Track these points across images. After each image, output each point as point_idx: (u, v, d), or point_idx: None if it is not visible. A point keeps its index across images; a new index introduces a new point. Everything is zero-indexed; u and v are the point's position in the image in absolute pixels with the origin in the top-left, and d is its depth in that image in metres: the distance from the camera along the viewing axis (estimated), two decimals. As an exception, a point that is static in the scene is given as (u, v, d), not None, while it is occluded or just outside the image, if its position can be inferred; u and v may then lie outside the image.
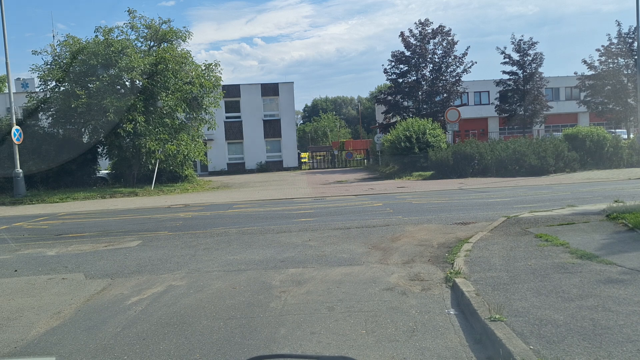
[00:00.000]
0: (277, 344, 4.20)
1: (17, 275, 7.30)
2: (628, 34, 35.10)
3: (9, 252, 9.22)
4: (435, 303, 5.07)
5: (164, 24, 25.12)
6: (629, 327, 3.85)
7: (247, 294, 5.69)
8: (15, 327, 5.01)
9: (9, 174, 21.03)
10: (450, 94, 34.75)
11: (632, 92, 33.54)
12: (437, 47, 35.52)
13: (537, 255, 6.37)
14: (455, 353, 3.86)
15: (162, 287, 6.16)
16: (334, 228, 9.96)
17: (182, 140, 24.26)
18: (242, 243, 8.89)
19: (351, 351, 3.97)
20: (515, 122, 38.85)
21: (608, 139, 23.93)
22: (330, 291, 5.61)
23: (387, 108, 36.48)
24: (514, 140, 26.17)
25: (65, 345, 4.43)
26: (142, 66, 22.05)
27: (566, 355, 3.43)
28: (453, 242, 7.88)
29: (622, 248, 6.50)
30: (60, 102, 22.82)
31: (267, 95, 40.15)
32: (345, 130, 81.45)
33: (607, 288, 4.87)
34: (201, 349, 4.15)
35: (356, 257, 7.27)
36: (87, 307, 5.54)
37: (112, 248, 9.11)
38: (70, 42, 23.46)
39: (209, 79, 25.30)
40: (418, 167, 24.73)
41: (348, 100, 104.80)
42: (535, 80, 36.61)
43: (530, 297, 4.76)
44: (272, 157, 40.15)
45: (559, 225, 8.37)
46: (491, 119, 47.17)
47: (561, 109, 46.69)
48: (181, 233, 10.45)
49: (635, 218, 7.71)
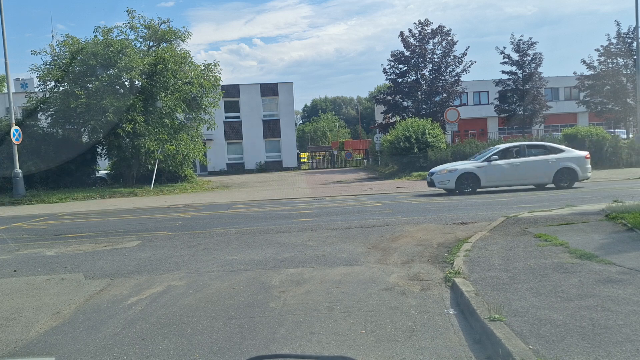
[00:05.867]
0: (276, 344, 4.20)
1: (16, 276, 7.29)
2: (627, 34, 35.11)
3: (8, 252, 9.21)
4: (435, 303, 5.07)
5: (163, 24, 25.15)
6: (628, 327, 3.85)
7: (247, 294, 5.69)
8: (14, 327, 5.01)
9: (8, 174, 21.02)
10: (449, 94, 34.75)
11: (632, 92, 33.55)
12: (436, 47, 35.53)
13: (536, 255, 6.37)
14: (454, 353, 3.86)
15: (162, 287, 6.16)
16: (333, 228, 9.96)
17: (181, 140, 24.26)
18: (242, 243, 8.88)
19: (350, 351, 3.97)
20: (515, 122, 38.86)
21: (607, 139, 23.95)
22: (330, 291, 5.61)
23: (387, 108, 36.48)
24: (514, 140, 26.16)
25: (64, 345, 4.42)
26: (142, 66, 22.04)
27: (565, 355, 3.43)
28: (452, 242, 7.88)
29: (622, 248, 6.50)
30: (60, 102, 22.82)
31: (266, 96, 40.16)
32: (345, 130, 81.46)
33: (607, 288, 4.87)
34: (200, 349, 4.15)
35: (355, 257, 7.26)
36: (87, 307, 5.54)
37: (112, 248, 9.10)
38: (69, 42, 23.45)
39: (208, 79, 25.32)
40: (417, 167, 24.73)
41: (347, 101, 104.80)
42: (535, 80, 36.62)
43: (529, 297, 4.76)
44: (271, 157, 40.14)
45: (558, 225, 8.37)
46: (490, 119, 47.19)
47: (560, 109, 46.70)
48: (180, 233, 10.45)
49: (634, 218, 7.71)
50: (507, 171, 14.92)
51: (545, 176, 15.04)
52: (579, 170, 14.91)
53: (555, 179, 14.97)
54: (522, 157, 15.10)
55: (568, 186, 14.91)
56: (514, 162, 14.98)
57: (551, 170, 14.91)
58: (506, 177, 15.03)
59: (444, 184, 15.23)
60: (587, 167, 15.22)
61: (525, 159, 15.06)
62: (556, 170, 14.88)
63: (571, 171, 14.91)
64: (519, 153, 15.28)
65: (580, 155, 15.27)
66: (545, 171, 14.96)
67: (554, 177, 14.94)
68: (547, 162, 14.98)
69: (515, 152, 15.36)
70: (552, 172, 14.88)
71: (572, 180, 14.99)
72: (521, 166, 14.92)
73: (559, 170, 14.88)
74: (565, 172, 14.93)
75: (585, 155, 15.39)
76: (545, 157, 15.14)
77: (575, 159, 15.05)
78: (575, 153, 15.42)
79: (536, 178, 15.19)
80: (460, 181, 14.98)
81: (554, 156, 15.04)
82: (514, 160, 15.03)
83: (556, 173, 14.89)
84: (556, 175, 14.91)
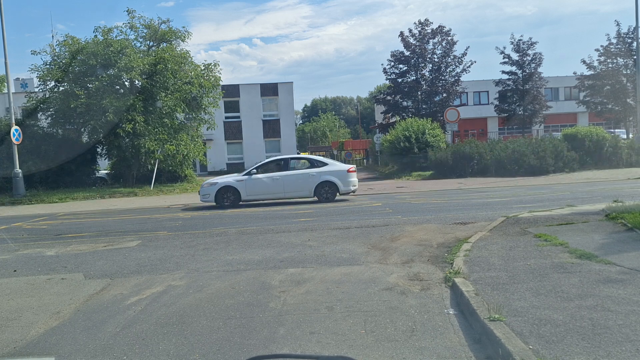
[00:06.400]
0: (276, 344, 4.20)
1: (16, 276, 7.30)
2: (627, 34, 35.14)
3: (8, 252, 9.21)
4: (435, 303, 5.07)
5: (163, 24, 25.11)
6: (628, 327, 3.85)
7: (247, 294, 5.69)
8: (14, 327, 5.01)
9: (8, 174, 21.00)
10: (449, 93, 34.76)
11: (631, 92, 33.56)
12: (436, 47, 35.54)
13: (536, 255, 6.37)
14: (454, 353, 3.86)
15: (162, 287, 6.16)
16: (333, 228, 9.96)
17: (181, 140, 24.23)
18: (242, 243, 8.89)
19: (350, 351, 3.97)
20: (515, 122, 38.87)
21: (607, 139, 23.95)
22: (330, 291, 5.61)
23: (387, 108, 36.49)
24: (513, 140, 26.18)
25: (64, 345, 4.43)
26: (142, 66, 22.02)
27: (565, 354, 3.44)
28: (452, 242, 7.89)
29: (621, 248, 6.50)
30: (60, 102, 22.79)
31: (266, 95, 40.16)
32: (345, 130, 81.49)
33: (606, 288, 4.87)
34: (200, 349, 4.15)
35: (355, 257, 7.27)
36: (87, 307, 5.54)
37: (112, 248, 9.10)
38: (69, 42, 23.42)
39: (208, 79, 25.27)
40: (417, 167, 24.74)
41: (347, 100, 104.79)
42: (535, 80, 36.63)
43: (529, 296, 4.76)
44: (271, 157, 40.11)
45: (558, 225, 8.37)
46: (490, 119, 47.20)
47: (560, 109, 46.71)
48: (180, 233, 10.45)
49: (634, 218, 7.71)
50: (267, 185, 14.90)
51: (306, 189, 14.97)
52: (340, 183, 14.87)
53: (316, 192, 14.93)
54: (285, 171, 15.13)
55: (329, 199, 14.89)
56: (274, 176, 14.98)
57: (312, 184, 14.88)
58: (267, 190, 14.97)
59: (205, 198, 15.05)
60: (350, 181, 15.10)
61: (287, 173, 15.08)
62: (317, 183, 14.87)
63: (332, 184, 14.90)
64: (280, 167, 15.35)
65: (342, 169, 15.29)
66: (306, 184, 14.92)
67: (315, 190, 14.91)
68: (308, 176, 14.99)
69: (277, 165, 15.44)
70: (313, 185, 14.87)
71: (333, 194, 14.97)
72: (282, 179, 14.91)
73: (320, 183, 14.88)
74: (327, 186, 14.92)
75: (348, 168, 15.35)
76: (306, 170, 15.24)
77: (336, 173, 15.03)
78: (337, 167, 15.47)
79: (297, 191, 15.10)
80: (220, 195, 14.81)
81: (316, 170, 15.05)
82: (275, 174, 15.03)
83: (317, 186, 14.87)
84: (317, 188, 14.89)
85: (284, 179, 14.98)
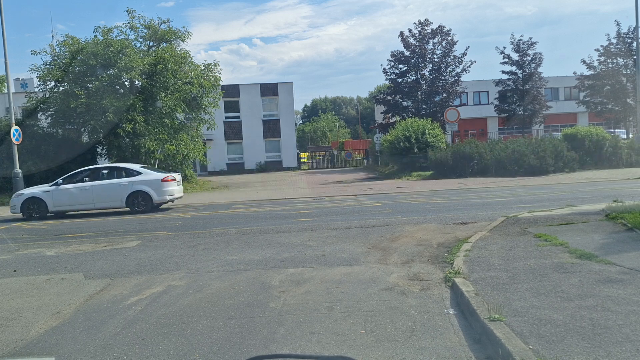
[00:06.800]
0: (276, 344, 4.20)
1: (16, 276, 7.30)
2: (627, 34, 35.12)
3: (8, 252, 9.22)
4: (435, 303, 5.07)
5: (163, 24, 25.11)
6: (628, 327, 3.85)
7: (247, 294, 5.69)
8: (14, 327, 5.01)
9: (8, 174, 21.00)
10: (449, 93, 34.74)
11: (631, 92, 33.55)
12: (436, 47, 35.51)
13: (536, 255, 6.37)
14: (454, 353, 3.86)
15: (162, 287, 6.16)
16: (333, 228, 9.96)
17: (181, 140, 24.24)
18: (242, 243, 8.89)
19: (350, 351, 3.97)
20: (515, 122, 38.85)
21: (607, 139, 23.94)
22: (330, 291, 5.61)
23: (387, 108, 36.47)
24: (513, 140, 26.15)
25: (64, 345, 4.43)
26: (141, 66, 22.02)
27: (565, 355, 3.44)
28: (452, 242, 7.89)
29: (621, 248, 6.50)
30: (60, 102, 22.78)
31: (266, 95, 40.15)
32: (345, 130, 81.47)
33: (606, 288, 4.87)
34: (200, 349, 4.15)
35: (355, 257, 7.27)
36: (87, 307, 5.54)
37: (112, 248, 9.11)
38: (69, 42, 23.42)
39: (208, 79, 25.27)
40: (417, 167, 24.73)
41: (347, 100, 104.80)
42: (535, 80, 36.62)
43: (529, 297, 4.76)
44: (271, 157, 40.13)
45: (558, 225, 8.37)
46: (490, 119, 47.19)
47: (560, 109, 46.71)
48: (180, 233, 10.45)
49: (634, 218, 7.71)
50: (75, 195, 14.62)
51: (117, 199, 14.72)
52: (153, 193, 14.61)
53: (128, 203, 14.67)
54: (95, 181, 14.88)
55: (144, 210, 14.57)
56: (83, 186, 14.70)
57: (123, 194, 14.65)
58: (76, 201, 14.70)
59: (13, 209, 14.80)
60: (166, 190, 14.83)
61: (96, 183, 14.82)
62: (128, 193, 14.62)
63: (145, 195, 14.62)
64: (90, 177, 15.08)
65: (155, 179, 14.88)
66: (117, 195, 14.68)
67: (127, 200, 14.64)
68: (118, 186, 14.73)
69: (87, 175, 15.13)
70: (124, 195, 14.63)
71: (147, 204, 14.66)
72: (91, 190, 14.66)
73: (132, 193, 14.62)
74: (139, 196, 14.64)
75: (162, 178, 14.96)
76: (118, 180, 14.89)
77: (149, 182, 14.72)
78: (151, 176, 15.01)
79: (108, 202, 14.82)
80: (26, 206, 14.56)
81: (127, 179, 14.79)
82: (84, 185, 14.74)
83: (128, 196, 14.62)
84: (129, 198, 14.63)
85: (93, 189, 14.69)
